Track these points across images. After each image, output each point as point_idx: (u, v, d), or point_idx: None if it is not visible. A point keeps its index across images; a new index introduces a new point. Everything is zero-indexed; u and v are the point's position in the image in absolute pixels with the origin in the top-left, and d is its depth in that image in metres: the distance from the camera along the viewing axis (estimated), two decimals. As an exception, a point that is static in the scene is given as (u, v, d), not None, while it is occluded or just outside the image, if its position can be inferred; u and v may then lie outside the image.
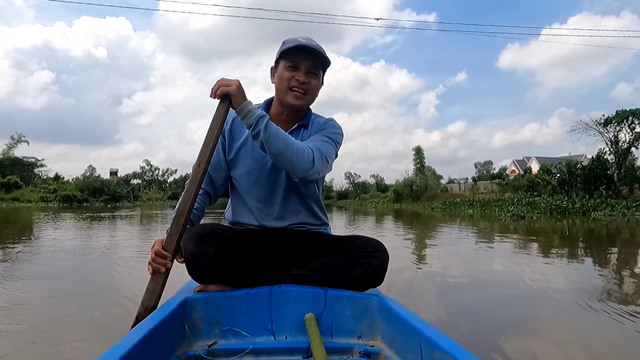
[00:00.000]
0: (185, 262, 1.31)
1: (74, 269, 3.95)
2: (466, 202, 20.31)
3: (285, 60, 1.45)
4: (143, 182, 57.75)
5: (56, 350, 1.82)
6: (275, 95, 1.52)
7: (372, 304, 1.27)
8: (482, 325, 2.32)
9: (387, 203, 29.74)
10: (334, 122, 1.58)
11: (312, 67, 1.45)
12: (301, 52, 1.42)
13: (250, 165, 1.50)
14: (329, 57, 1.48)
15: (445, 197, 24.44)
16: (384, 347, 1.19)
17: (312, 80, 1.46)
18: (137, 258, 4.41)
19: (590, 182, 15.65)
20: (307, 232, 1.54)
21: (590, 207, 13.72)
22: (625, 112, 17.77)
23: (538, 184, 18.54)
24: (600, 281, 3.68)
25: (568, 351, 1.92)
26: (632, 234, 8.34)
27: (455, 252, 5.70)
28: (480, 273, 3.96)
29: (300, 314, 1.25)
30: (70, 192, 33.85)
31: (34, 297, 2.78)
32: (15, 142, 35.70)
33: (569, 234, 8.43)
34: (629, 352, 2.02)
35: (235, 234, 1.43)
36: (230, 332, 1.22)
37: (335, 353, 1.18)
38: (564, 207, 14.14)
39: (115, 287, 3.11)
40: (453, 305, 2.74)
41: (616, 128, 18.22)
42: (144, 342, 0.92)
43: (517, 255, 5.36)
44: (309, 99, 1.49)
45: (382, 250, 1.41)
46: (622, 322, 2.34)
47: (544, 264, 4.59)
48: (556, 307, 2.76)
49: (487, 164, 69.48)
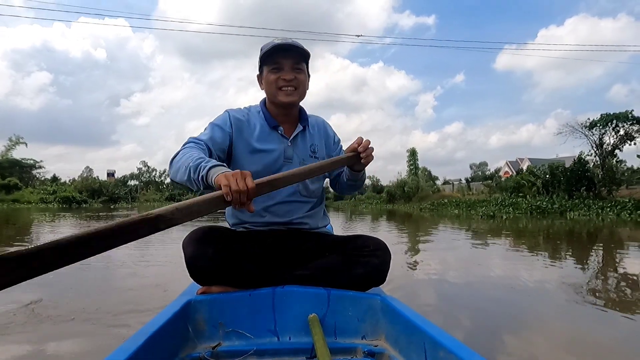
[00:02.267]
0: (186, 264, 1.29)
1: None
2: (453, 203, 20.45)
3: (268, 64, 1.44)
4: (140, 183, 57.38)
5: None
6: (267, 99, 1.50)
7: (376, 303, 1.25)
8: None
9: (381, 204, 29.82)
10: (328, 124, 1.67)
11: (294, 64, 1.43)
12: (280, 52, 1.41)
13: (260, 169, 1.41)
14: (307, 49, 1.46)
15: (435, 198, 24.54)
16: (387, 347, 1.17)
17: (298, 75, 1.44)
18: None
19: (572, 183, 15.86)
20: (308, 233, 1.51)
21: (567, 207, 13.92)
22: (609, 115, 17.94)
23: (523, 186, 18.70)
24: (502, 260, 4.66)
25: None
26: (586, 229, 8.72)
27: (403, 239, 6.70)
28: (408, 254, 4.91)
29: (303, 315, 1.22)
30: (69, 193, 33.60)
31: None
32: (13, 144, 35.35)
33: (522, 229, 9.05)
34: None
35: (236, 235, 1.40)
36: (234, 333, 1.19)
37: (339, 353, 1.16)
38: (543, 207, 14.39)
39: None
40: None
41: (601, 131, 18.41)
42: (147, 344, 0.90)
43: (449, 244, 6.41)
44: (300, 93, 1.47)
45: (383, 249, 1.39)
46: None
47: (469, 248, 5.77)
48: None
49: (482, 165, 69.81)
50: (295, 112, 1.53)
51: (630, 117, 17.50)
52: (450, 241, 6.76)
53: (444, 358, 0.91)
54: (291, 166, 1.45)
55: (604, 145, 18.43)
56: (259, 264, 1.36)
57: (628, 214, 11.72)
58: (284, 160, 1.46)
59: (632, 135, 17.69)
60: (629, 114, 17.53)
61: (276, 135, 1.48)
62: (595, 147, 18.58)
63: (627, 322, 2.34)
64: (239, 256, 1.32)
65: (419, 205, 22.57)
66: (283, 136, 1.48)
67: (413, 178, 30.84)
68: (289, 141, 1.48)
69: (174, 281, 2.35)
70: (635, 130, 17.53)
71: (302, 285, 1.28)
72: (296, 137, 1.50)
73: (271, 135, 1.48)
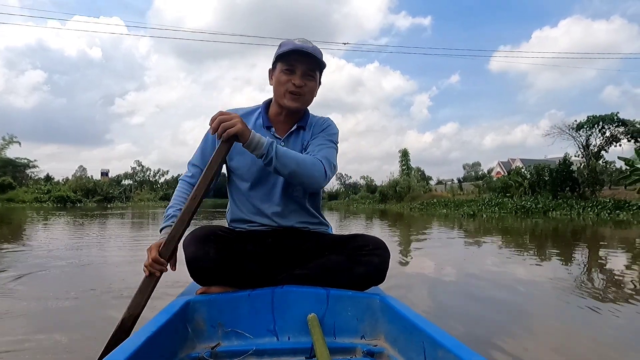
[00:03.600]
0: (187, 264, 1.27)
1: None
2: (442, 202, 20.60)
3: (282, 64, 1.41)
4: (134, 182, 56.84)
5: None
6: (274, 97, 1.48)
7: (375, 303, 1.23)
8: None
9: (373, 204, 29.93)
10: (331, 122, 1.55)
11: (308, 70, 1.41)
12: (297, 55, 1.38)
13: (250, 167, 1.45)
14: (324, 58, 1.44)
15: (426, 198, 24.66)
16: (387, 346, 1.16)
17: (308, 82, 1.42)
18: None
19: (557, 184, 16.09)
20: (307, 232, 1.49)
21: (550, 207, 14.09)
22: (595, 117, 18.17)
23: (511, 186, 18.87)
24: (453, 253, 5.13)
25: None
26: (552, 227, 9.08)
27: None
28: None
29: (302, 315, 1.21)
30: (64, 192, 33.20)
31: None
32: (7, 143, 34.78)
33: (496, 226, 9.56)
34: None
35: (236, 235, 1.38)
36: (233, 333, 1.17)
37: (338, 353, 1.14)
38: (527, 207, 14.59)
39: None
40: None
41: (587, 133, 18.64)
42: (147, 344, 0.88)
43: (420, 237, 7.00)
44: (305, 100, 1.45)
45: (383, 248, 1.37)
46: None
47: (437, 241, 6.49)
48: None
49: (475, 165, 70.11)
50: (296, 116, 1.50)
51: (616, 119, 17.76)
52: (426, 234, 7.74)
53: (443, 357, 0.90)
54: None
55: (590, 146, 18.68)
56: (258, 264, 1.35)
57: (607, 213, 12.01)
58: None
59: (617, 137, 17.93)
60: (615, 116, 17.78)
61: (268, 136, 1.45)
62: (582, 149, 18.83)
63: (579, 302, 2.58)
64: (239, 256, 1.30)
65: (409, 205, 22.67)
66: (275, 136, 1.46)
67: (405, 178, 30.97)
68: (281, 141, 1.45)
69: (173, 281, 2.35)
70: (620, 132, 17.77)
71: (302, 285, 1.27)
72: (289, 137, 1.47)
73: (263, 135, 1.46)
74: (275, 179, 1.45)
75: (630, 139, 17.02)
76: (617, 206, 12.61)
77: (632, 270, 3.89)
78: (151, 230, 8.35)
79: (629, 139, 17.13)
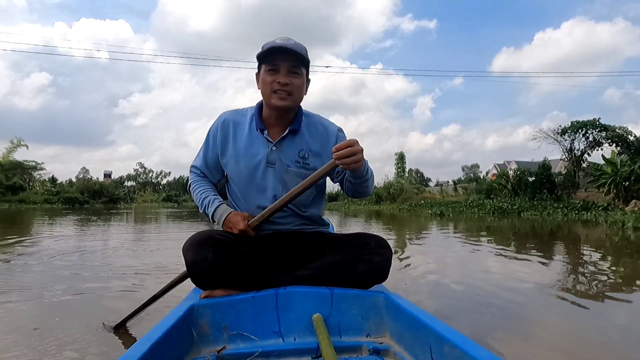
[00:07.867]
0: (187, 269, 1.22)
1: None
2: (429, 203, 20.71)
3: (266, 64, 1.35)
4: (137, 184, 56.39)
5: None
6: (263, 99, 1.41)
7: (379, 301, 1.19)
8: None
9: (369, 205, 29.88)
10: (343, 134, 1.49)
11: (292, 67, 1.34)
12: (279, 54, 1.32)
13: (244, 173, 1.40)
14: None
15: (417, 199, 24.67)
16: (392, 344, 1.12)
17: (294, 80, 1.35)
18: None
19: (536, 186, 16.21)
20: (309, 233, 1.44)
21: (525, 208, 14.27)
22: (579, 122, 18.25)
23: (495, 188, 18.95)
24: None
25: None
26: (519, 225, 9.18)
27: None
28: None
29: (307, 315, 1.16)
30: (72, 194, 32.98)
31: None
32: (15, 146, 34.55)
33: (457, 224, 9.79)
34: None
35: (235, 238, 1.31)
36: (239, 336, 1.12)
37: (344, 352, 1.09)
38: (504, 208, 14.77)
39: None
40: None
41: (571, 137, 18.73)
42: (153, 350, 0.83)
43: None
44: (294, 99, 1.37)
45: (385, 246, 1.33)
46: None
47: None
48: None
49: (474, 167, 69.37)
50: (288, 116, 1.42)
51: (598, 124, 17.88)
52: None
53: (449, 353, 0.86)
54: (274, 171, 1.38)
55: (574, 150, 18.79)
56: (260, 266, 1.29)
57: (575, 213, 12.26)
58: (266, 165, 1.38)
59: (599, 142, 18.05)
60: (597, 122, 17.90)
61: (261, 139, 1.40)
62: (567, 152, 18.95)
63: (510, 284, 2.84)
64: (240, 259, 1.24)
65: (400, 206, 22.68)
66: (268, 140, 1.39)
67: (398, 180, 31.04)
68: (273, 145, 1.39)
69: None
70: (602, 136, 17.89)
71: (305, 286, 1.22)
72: (282, 141, 1.40)
73: (257, 139, 1.40)
74: (272, 183, 1.39)
75: (612, 144, 17.13)
76: (584, 207, 12.95)
77: (563, 255, 4.54)
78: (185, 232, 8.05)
79: (610, 143, 17.25)
